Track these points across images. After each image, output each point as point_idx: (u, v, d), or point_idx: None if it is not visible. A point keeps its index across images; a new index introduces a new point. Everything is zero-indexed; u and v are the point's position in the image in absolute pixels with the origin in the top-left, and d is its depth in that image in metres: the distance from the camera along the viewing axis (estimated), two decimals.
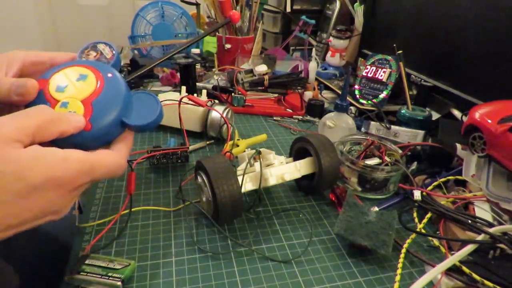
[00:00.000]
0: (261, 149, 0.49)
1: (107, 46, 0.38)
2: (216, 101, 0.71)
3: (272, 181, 0.46)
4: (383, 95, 0.76)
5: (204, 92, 0.72)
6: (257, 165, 0.47)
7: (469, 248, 0.39)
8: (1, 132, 0.25)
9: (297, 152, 0.53)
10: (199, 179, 0.44)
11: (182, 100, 0.60)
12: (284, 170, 0.47)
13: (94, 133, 0.31)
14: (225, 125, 0.64)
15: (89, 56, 0.37)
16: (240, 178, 0.44)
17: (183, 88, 0.69)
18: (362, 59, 1.01)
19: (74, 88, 0.32)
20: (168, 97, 0.65)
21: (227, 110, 0.66)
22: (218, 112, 0.64)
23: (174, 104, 0.60)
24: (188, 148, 0.58)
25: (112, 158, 0.31)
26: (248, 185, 0.46)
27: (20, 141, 0.26)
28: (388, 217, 0.45)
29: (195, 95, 0.75)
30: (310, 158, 0.50)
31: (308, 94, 0.87)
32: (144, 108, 0.35)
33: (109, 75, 0.34)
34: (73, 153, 0.28)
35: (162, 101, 0.63)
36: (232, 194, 0.41)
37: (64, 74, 0.33)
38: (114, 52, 0.38)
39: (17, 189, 0.25)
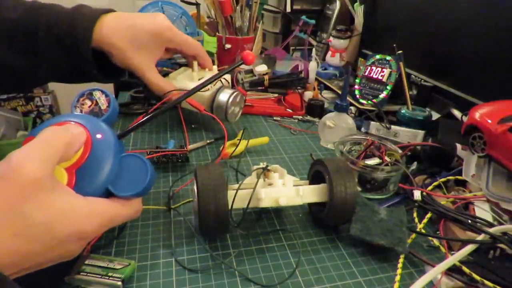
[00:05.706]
0: (274, 166, 0.46)
1: (103, 95, 0.36)
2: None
3: (265, 203, 0.42)
4: (383, 95, 0.76)
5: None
6: (260, 181, 0.43)
7: (469, 248, 0.39)
8: (27, 170, 0.25)
9: (314, 176, 0.47)
10: (194, 186, 0.41)
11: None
12: (282, 193, 0.42)
13: None
14: (231, 109, 0.65)
15: (83, 106, 0.36)
16: (233, 193, 0.41)
17: (214, 67, 0.68)
18: (362, 59, 1.01)
19: None
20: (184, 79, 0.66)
21: (235, 93, 0.66)
22: (210, 115, 0.63)
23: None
24: (187, 151, 0.58)
25: (130, 208, 0.33)
26: (239, 203, 0.42)
27: (49, 180, 0.26)
28: (399, 213, 0.44)
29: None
30: (320, 185, 0.44)
31: (308, 94, 0.87)
32: (133, 174, 0.33)
33: (98, 136, 0.32)
34: (97, 206, 0.30)
35: (171, 91, 0.62)
36: (217, 211, 0.38)
37: None
38: (110, 101, 0.36)
39: (46, 241, 0.25)
